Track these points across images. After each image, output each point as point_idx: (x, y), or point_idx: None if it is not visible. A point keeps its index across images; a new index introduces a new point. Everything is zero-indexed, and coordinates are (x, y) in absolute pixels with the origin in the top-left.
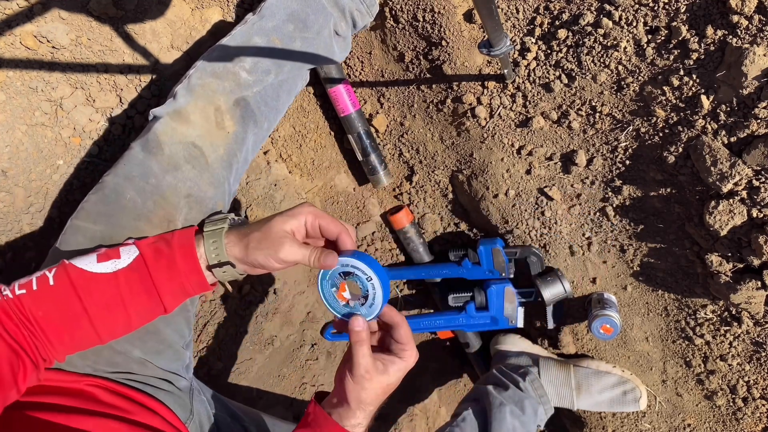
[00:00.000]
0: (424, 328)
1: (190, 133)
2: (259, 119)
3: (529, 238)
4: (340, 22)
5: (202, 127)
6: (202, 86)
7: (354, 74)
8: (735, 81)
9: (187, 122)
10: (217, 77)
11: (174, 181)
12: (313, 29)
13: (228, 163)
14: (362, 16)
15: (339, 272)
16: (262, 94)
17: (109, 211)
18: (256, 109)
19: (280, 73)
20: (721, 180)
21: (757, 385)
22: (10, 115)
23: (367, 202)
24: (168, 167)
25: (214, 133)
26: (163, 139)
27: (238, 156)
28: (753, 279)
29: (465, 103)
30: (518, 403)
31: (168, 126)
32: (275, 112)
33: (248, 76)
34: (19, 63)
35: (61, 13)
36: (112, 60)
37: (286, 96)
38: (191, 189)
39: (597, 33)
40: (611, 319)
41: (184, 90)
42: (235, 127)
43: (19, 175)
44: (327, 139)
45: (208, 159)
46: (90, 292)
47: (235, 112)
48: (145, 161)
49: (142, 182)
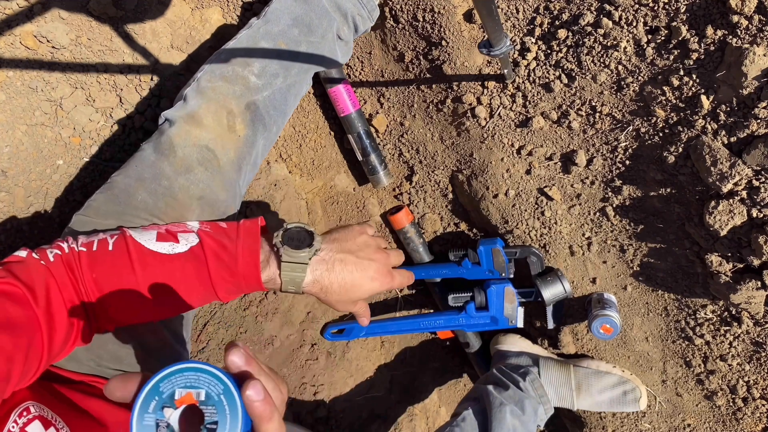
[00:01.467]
0: (424, 328)
1: (204, 136)
2: (268, 123)
3: (529, 238)
4: (343, 27)
5: (215, 131)
6: (212, 89)
7: (354, 74)
8: (735, 81)
9: (200, 125)
10: (227, 81)
11: (186, 183)
12: (318, 33)
13: (238, 166)
14: (363, 21)
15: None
16: (271, 98)
17: (120, 211)
18: (265, 113)
19: (288, 77)
20: (721, 180)
21: (757, 385)
22: (10, 115)
23: (367, 202)
24: (180, 169)
25: (225, 137)
26: (176, 142)
27: (248, 159)
28: (753, 279)
29: (465, 103)
30: (518, 402)
31: (182, 129)
32: (283, 115)
33: (257, 80)
34: (19, 63)
35: (61, 13)
36: (112, 60)
37: (293, 100)
38: (204, 191)
39: (597, 33)
40: (611, 319)
41: (194, 93)
42: (246, 131)
43: (19, 175)
44: (327, 139)
45: (220, 162)
46: (145, 266)
47: (246, 116)
48: (157, 163)
49: (154, 184)
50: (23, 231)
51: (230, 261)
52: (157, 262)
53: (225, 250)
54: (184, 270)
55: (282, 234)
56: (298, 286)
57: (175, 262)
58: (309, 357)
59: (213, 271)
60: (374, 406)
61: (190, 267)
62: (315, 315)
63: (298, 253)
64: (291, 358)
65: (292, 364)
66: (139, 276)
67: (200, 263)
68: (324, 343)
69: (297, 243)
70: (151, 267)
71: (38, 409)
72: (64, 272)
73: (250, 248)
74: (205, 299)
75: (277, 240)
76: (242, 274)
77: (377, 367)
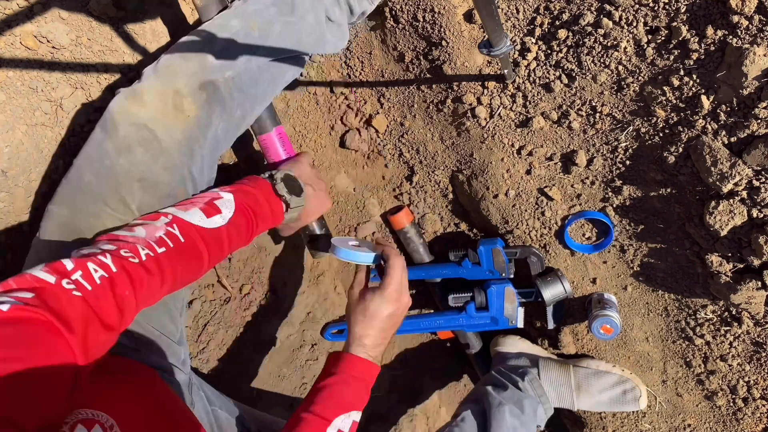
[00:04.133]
0: (425, 328)
1: (142, 115)
2: (230, 106)
3: (529, 238)
4: (333, 8)
5: (156, 109)
6: (166, 67)
7: (354, 74)
8: (735, 81)
9: (140, 103)
10: (185, 59)
11: (127, 165)
12: (298, 13)
13: (188, 149)
14: (360, 2)
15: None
16: (236, 80)
17: (72, 195)
18: (227, 94)
19: (254, 59)
20: (721, 180)
21: (758, 385)
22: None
23: (367, 202)
24: (121, 149)
25: (169, 116)
26: (117, 119)
27: (201, 143)
28: (753, 279)
29: (465, 103)
30: (517, 402)
31: (122, 106)
32: (252, 99)
33: (215, 60)
34: (19, 63)
35: (61, 13)
36: (112, 60)
37: (267, 84)
38: (144, 173)
39: (597, 33)
40: (611, 320)
41: (150, 71)
42: (198, 112)
43: (19, 175)
44: (327, 139)
45: (162, 143)
46: (210, 245)
47: (200, 95)
48: (102, 143)
49: (97, 164)
50: (23, 231)
51: (270, 218)
52: (214, 237)
53: (263, 210)
54: (230, 234)
55: (284, 186)
56: (291, 221)
57: (223, 233)
58: (309, 357)
59: (255, 230)
60: (374, 406)
61: (234, 232)
62: (315, 315)
63: (299, 200)
64: (291, 358)
65: (292, 364)
66: (204, 257)
67: (249, 224)
68: (324, 343)
69: (294, 190)
70: (215, 245)
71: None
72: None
73: (276, 207)
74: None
75: (284, 192)
76: (275, 223)
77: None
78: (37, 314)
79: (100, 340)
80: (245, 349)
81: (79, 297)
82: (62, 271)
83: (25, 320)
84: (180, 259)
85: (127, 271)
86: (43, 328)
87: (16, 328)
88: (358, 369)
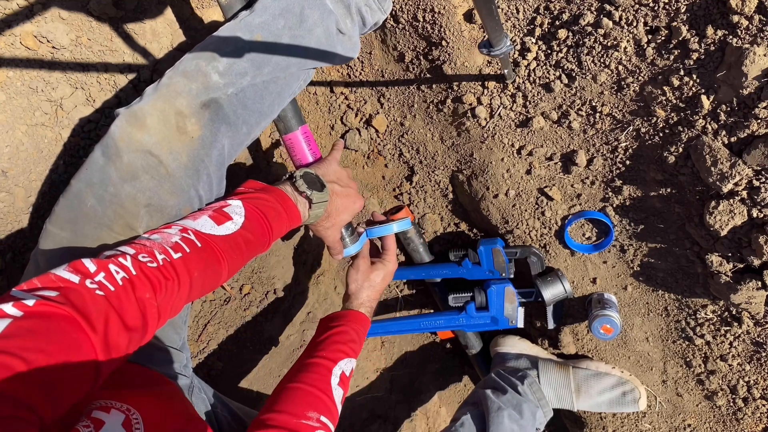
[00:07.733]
0: (425, 328)
1: (146, 141)
2: (235, 122)
3: (529, 238)
4: (344, 20)
5: (160, 133)
6: (168, 86)
7: (354, 74)
8: (735, 81)
9: (143, 127)
10: (187, 77)
11: (133, 191)
12: (306, 26)
13: (194, 170)
14: (373, 13)
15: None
16: (239, 96)
17: (73, 218)
18: (231, 112)
19: (259, 75)
20: (721, 180)
21: (758, 385)
22: (10, 115)
23: (367, 202)
24: (126, 176)
25: (173, 139)
26: (120, 146)
27: (207, 162)
28: (753, 279)
29: (465, 103)
30: (516, 406)
31: (124, 131)
32: (258, 114)
33: (220, 78)
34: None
35: (61, 13)
36: (112, 60)
37: (273, 98)
38: (150, 199)
39: (597, 33)
40: (611, 319)
41: (152, 89)
42: (201, 131)
43: (19, 175)
44: (327, 139)
45: (168, 168)
46: (225, 251)
47: (203, 114)
48: (105, 168)
49: (101, 190)
50: (24, 231)
51: (286, 221)
52: (228, 243)
53: (281, 215)
54: (246, 239)
55: (303, 182)
56: (318, 218)
57: (239, 238)
58: None
59: (271, 233)
60: (374, 406)
61: (250, 237)
62: (315, 315)
63: (321, 195)
64: (291, 358)
65: (292, 364)
66: (222, 263)
67: (264, 229)
68: None
69: (315, 185)
70: (231, 252)
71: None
72: (131, 297)
73: (293, 212)
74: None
75: (304, 188)
76: (292, 224)
77: (377, 368)
78: (61, 310)
79: (121, 339)
80: (245, 349)
81: (101, 296)
82: (85, 271)
83: (49, 315)
84: (197, 265)
85: (146, 275)
86: (67, 323)
87: (40, 321)
88: (360, 320)
